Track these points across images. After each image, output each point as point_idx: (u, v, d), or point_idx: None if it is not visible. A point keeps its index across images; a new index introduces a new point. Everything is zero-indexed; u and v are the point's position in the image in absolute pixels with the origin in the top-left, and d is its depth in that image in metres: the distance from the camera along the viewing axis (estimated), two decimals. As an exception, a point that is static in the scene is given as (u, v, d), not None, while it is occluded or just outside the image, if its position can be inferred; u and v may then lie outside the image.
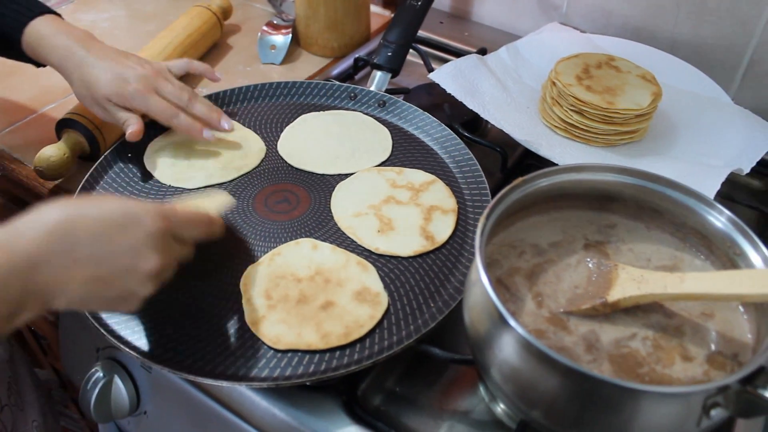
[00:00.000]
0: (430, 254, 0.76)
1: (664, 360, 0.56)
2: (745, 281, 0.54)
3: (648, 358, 0.56)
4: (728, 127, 0.90)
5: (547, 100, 0.90)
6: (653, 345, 0.57)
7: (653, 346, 0.57)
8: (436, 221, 0.79)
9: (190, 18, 1.12)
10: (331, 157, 0.88)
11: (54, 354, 1.33)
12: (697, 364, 0.56)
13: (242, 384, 0.63)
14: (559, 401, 0.52)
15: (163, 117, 0.84)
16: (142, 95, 0.82)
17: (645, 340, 0.57)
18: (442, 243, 0.77)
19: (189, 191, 0.83)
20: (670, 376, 0.55)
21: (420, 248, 0.76)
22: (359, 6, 1.14)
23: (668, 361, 0.56)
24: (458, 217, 0.80)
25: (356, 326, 0.67)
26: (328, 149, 0.89)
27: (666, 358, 0.56)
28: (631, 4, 1.08)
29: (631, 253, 0.65)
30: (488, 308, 0.54)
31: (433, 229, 0.78)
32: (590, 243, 0.65)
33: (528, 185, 0.63)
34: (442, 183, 0.84)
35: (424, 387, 0.70)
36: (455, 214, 0.80)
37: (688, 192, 0.62)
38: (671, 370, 0.55)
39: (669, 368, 0.55)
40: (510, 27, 1.24)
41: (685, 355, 0.56)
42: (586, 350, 0.57)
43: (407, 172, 0.86)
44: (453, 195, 0.82)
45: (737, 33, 1.00)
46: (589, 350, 0.57)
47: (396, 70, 0.99)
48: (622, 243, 0.65)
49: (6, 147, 0.96)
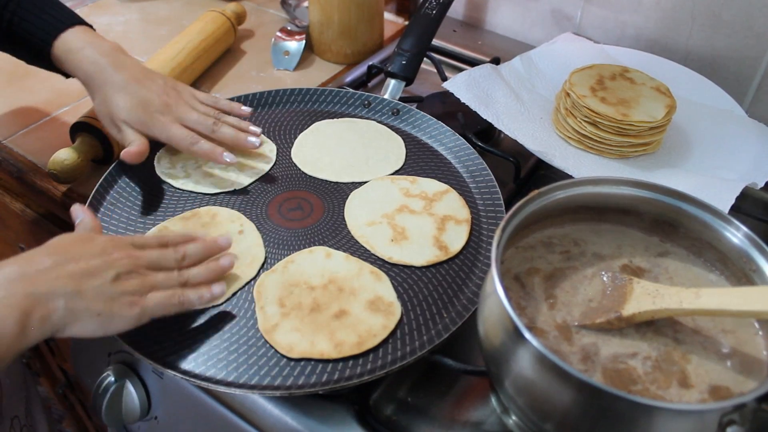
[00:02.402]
0: (444, 264, 0.76)
1: (660, 381, 0.55)
2: (761, 298, 0.54)
3: (644, 377, 0.56)
4: (742, 141, 0.90)
5: (561, 110, 0.90)
6: (653, 366, 0.56)
7: (653, 367, 0.56)
8: (449, 231, 0.79)
9: (204, 23, 1.13)
10: (344, 165, 0.88)
11: (62, 355, 1.33)
12: (695, 392, 0.55)
13: (255, 392, 0.63)
14: (572, 415, 0.52)
15: (182, 145, 0.82)
16: (164, 125, 0.81)
17: (646, 360, 0.57)
18: (455, 253, 0.77)
19: (203, 196, 0.83)
20: (663, 398, 0.54)
21: (433, 258, 0.76)
22: (373, 13, 1.14)
23: (664, 383, 0.55)
24: (472, 227, 0.80)
25: (369, 336, 0.67)
26: (342, 157, 0.89)
27: (663, 380, 0.55)
28: (645, 15, 1.08)
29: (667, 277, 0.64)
30: (503, 320, 0.54)
31: (447, 239, 0.78)
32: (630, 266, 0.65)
33: (544, 198, 0.62)
34: (455, 193, 0.84)
35: (436, 397, 0.70)
36: (469, 225, 0.80)
37: (705, 207, 0.62)
38: (666, 392, 0.55)
39: (664, 390, 0.55)
40: (523, 36, 1.24)
41: (684, 382, 0.55)
42: (581, 360, 0.57)
43: (421, 181, 0.86)
44: (467, 205, 0.82)
45: (752, 46, 1.00)
46: (584, 361, 0.57)
47: (410, 79, 0.99)
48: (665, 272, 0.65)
49: (20, 149, 0.96)
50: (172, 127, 0.82)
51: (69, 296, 0.58)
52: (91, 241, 0.63)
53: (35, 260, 0.59)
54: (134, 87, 0.81)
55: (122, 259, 0.62)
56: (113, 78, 0.81)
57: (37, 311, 0.56)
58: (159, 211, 0.81)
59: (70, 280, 0.58)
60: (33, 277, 0.57)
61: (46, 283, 0.57)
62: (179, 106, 0.83)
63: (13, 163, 0.95)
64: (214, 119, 0.85)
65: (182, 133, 0.82)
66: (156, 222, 0.79)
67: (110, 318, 0.60)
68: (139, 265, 0.64)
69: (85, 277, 0.59)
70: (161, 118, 0.81)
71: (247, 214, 0.81)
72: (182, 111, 0.83)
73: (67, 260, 0.60)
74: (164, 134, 0.82)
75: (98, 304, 0.59)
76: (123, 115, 0.80)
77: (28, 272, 0.57)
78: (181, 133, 0.82)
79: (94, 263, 0.61)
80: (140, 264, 0.64)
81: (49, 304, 0.57)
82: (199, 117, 0.84)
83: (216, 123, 0.84)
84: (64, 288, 0.58)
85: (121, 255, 0.63)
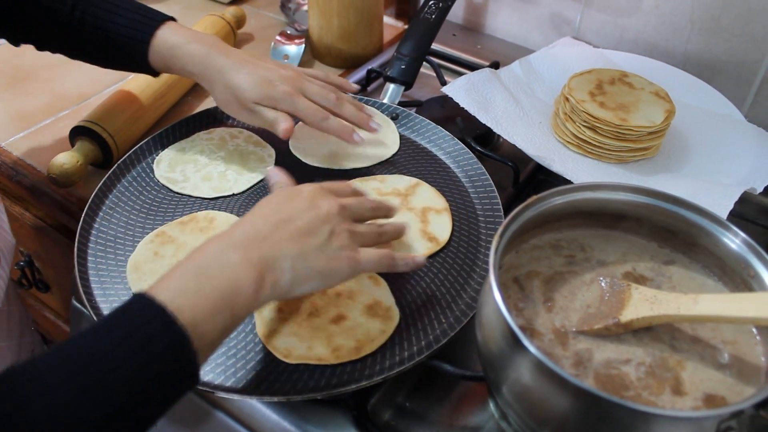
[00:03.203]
0: (442, 270, 0.76)
1: (652, 387, 0.55)
2: (759, 304, 0.54)
3: (637, 382, 0.55)
4: (741, 145, 0.90)
5: (559, 115, 0.90)
6: (646, 372, 0.56)
7: (646, 373, 0.56)
8: (433, 222, 0.80)
9: (204, 27, 1.13)
10: (345, 154, 0.90)
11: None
12: (689, 399, 0.55)
13: (253, 397, 0.63)
14: (570, 421, 0.52)
15: (313, 120, 0.82)
16: (291, 96, 0.80)
17: (639, 366, 0.57)
18: (445, 242, 0.78)
19: (201, 200, 0.83)
20: (655, 404, 0.54)
21: (427, 251, 0.77)
22: (372, 17, 1.14)
23: (657, 390, 0.55)
24: (452, 215, 0.81)
25: (367, 341, 0.67)
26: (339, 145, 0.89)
27: (656, 387, 0.55)
28: (644, 20, 1.08)
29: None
30: (501, 327, 0.54)
31: (433, 231, 0.79)
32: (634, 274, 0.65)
33: (542, 203, 0.62)
34: (426, 184, 0.86)
35: (434, 402, 0.70)
36: (448, 212, 0.82)
37: (703, 212, 0.62)
38: (658, 399, 0.54)
39: (656, 397, 0.55)
40: (523, 40, 1.24)
41: (678, 389, 0.55)
42: (573, 365, 0.57)
43: (389, 178, 0.87)
44: (441, 194, 0.84)
45: (750, 50, 1.00)
46: (576, 366, 0.57)
47: (409, 83, 0.99)
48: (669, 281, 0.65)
49: (19, 153, 0.96)
50: (298, 100, 0.81)
51: (294, 259, 0.59)
52: (297, 197, 0.63)
53: (256, 226, 0.60)
54: (251, 66, 0.80)
55: (331, 211, 0.63)
56: (227, 63, 0.80)
57: (269, 275, 0.57)
58: (158, 215, 0.81)
59: (293, 242, 0.59)
60: (260, 242, 0.58)
61: (272, 247, 0.58)
62: (299, 77, 0.83)
63: (12, 167, 0.95)
64: (336, 95, 0.84)
65: (310, 106, 0.81)
66: (155, 226, 0.79)
67: (330, 274, 0.61)
68: (345, 216, 0.64)
69: (304, 236, 0.60)
70: (287, 89, 0.80)
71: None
72: (303, 82, 0.82)
73: (284, 221, 0.60)
74: (292, 107, 0.81)
75: (320, 262, 0.60)
76: (250, 94, 0.80)
77: (256, 237, 0.58)
78: (310, 106, 0.81)
79: (308, 219, 0.61)
80: (347, 215, 0.64)
81: (278, 268, 0.58)
82: (320, 90, 0.83)
83: (338, 98, 0.84)
84: (289, 251, 0.59)
85: (329, 207, 0.63)
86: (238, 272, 0.55)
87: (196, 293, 0.53)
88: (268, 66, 0.82)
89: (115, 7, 0.82)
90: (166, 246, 0.76)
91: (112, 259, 0.76)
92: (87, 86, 1.09)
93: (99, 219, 0.80)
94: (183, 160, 0.88)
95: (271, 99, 0.80)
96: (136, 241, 0.78)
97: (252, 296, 0.56)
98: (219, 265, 0.56)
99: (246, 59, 0.81)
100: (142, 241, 0.77)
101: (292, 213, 0.61)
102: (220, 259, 0.56)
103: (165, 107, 1.01)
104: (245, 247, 0.57)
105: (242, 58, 0.81)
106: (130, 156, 0.88)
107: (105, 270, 0.75)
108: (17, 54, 0.85)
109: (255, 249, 0.57)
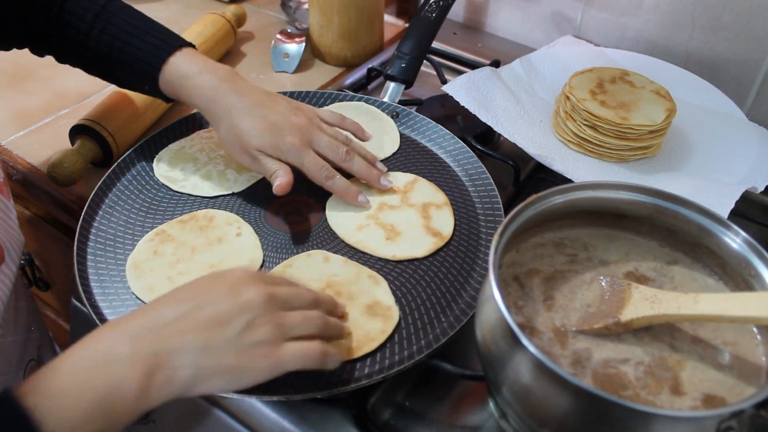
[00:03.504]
0: (442, 267, 0.75)
1: (651, 387, 0.55)
2: (760, 303, 0.54)
3: (635, 382, 0.55)
4: (742, 144, 0.90)
5: (560, 114, 0.90)
6: (645, 371, 0.56)
7: (645, 373, 0.56)
8: (435, 218, 0.80)
9: (204, 25, 1.13)
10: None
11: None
12: (688, 399, 0.55)
13: (252, 396, 0.63)
14: (569, 421, 0.51)
15: (317, 178, 0.78)
16: (298, 150, 0.76)
17: (638, 365, 0.57)
18: (450, 237, 0.78)
19: (201, 199, 0.83)
20: (654, 404, 0.54)
21: (432, 246, 0.77)
22: (373, 15, 1.14)
23: (656, 389, 0.55)
24: (471, 228, 0.80)
25: (367, 340, 0.67)
26: None
27: (654, 386, 0.55)
28: (645, 18, 1.08)
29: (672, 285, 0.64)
30: (501, 326, 0.54)
31: (437, 226, 0.79)
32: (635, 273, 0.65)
33: (542, 202, 0.62)
34: (424, 180, 0.85)
35: (434, 401, 0.69)
36: (449, 207, 0.82)
37: (704, 212, 0.62)
38: (656, 398, 0.54)
39: (654, 396, 0.54)
40: (523, 39, 1.24)
41: (677, 389, 0.55)
42: (571, 364, 0.57)
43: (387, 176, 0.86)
44: (439, 189, 0.84)
45: (752, 49, 1.00)
46: (575, 365, 0.57)
47: (410, 82, 0.99)
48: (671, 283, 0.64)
49: (19, 152, 0.96)
50: (305, 155, 0.77)
51: (197, 353, 0.52)
52: (220, 280, 0.57)
53: (160, 312, 0.54)
54: (260, 110, 0.76)
55: (254, 300, 0.56)
56: (238, 103, 0.76)
57: (160, 373, 0.51)
58: (157, 214, 0.81)
59: (198, 333, 0.53)
60: (158, 330, 0.52)
61: (169, 338, 0.52)
62: (309, 128, 0.79)
63: (13, 165, 0.95)
64: (345, 146, 0.80)
65: (317, 163, 0.77)
66: (154, 224, 0.79)
67: (241, 372, 0.54)
68: (273, 306, 0.57)
69: (213, 327, 0.54)
70: (294, 141, 0.76)
71: (245, 217, 0.81)
72: (313, 134, 0.79)
73: (194, 308, 0.54)
74: (298, 161, 0.77)
75: (229, 358, 0.53)
76: (254, 141, 0.76)
77: (155, 325, 0.53)
78: (316, 163, 0.77)
79: (223, 307, 0.55)
80: (275, 304, 0.57)
81: (173, 364, 0.52)
82: (330, 142, 0.79)
83: (348, 152, 0.80)
84: (191, 343, 0.52)
85: (252, 295, 0.56)
86: (123, 369, 0.50)
87: (68, 395, 0.48)
88: (280, 110, 0.78)
89: (133, 28, 0.79)
90: (165, 244, 0.76)
91: (112, 258, 0.76)
92: (87, 85, 1.08)
93: (99, 217, 0.80)
94: (183, 158, 0.88)
95: (276, 149, 0.76)
96: (135, 239, 0.78)
97: (135, 398, 0.50)
98: (104, 359, 0.50)
99: (257, 100, 0.77)
100: (141, 240, 0.77)
101: (208, 299, 0.55)
102: (107, 352, 0.51)
103: (165, 106, 1.01)
104: (138, 338, 0.51)
105: (253, 98, 0.77)
106: (129, 155, 0.88)
107: (104, 268, 0.74)
108: (17, 53, 0.85)
109: (148, 341, 0.51)
